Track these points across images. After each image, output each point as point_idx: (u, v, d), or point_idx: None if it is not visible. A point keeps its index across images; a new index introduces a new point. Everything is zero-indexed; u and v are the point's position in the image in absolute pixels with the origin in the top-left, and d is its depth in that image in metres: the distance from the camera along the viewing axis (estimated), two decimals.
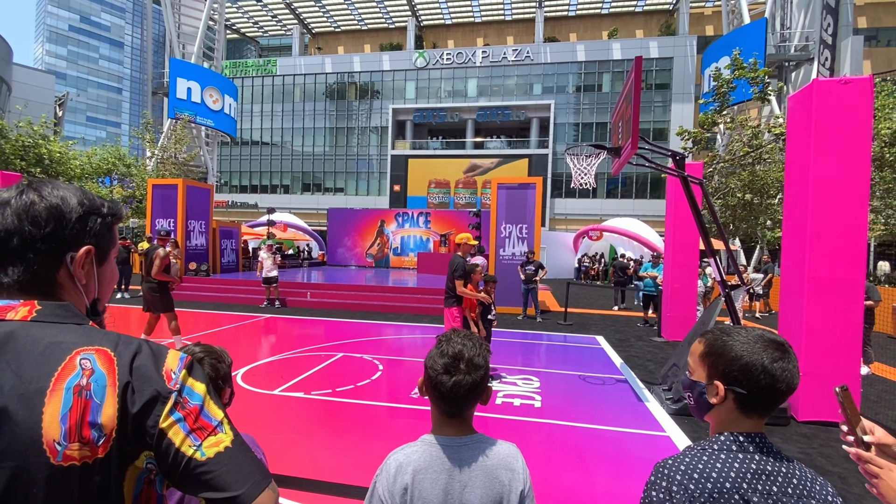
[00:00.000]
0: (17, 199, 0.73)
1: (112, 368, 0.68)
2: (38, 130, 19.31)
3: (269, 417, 4.28)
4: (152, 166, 25.48)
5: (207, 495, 0.69)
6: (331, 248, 22.70)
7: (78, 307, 0.77)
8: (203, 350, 1.33)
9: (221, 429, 0.74)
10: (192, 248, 13.80)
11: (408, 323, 9.61)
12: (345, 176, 39.72)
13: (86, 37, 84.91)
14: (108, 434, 0.66)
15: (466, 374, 1.07)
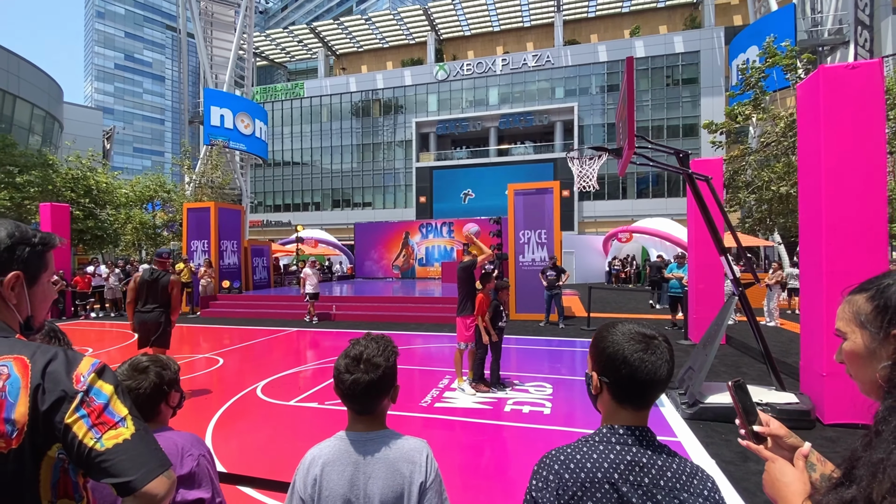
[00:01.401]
0: None
1: (26, 373, 0.81)
2: (87, 163, 20.84)
3: (284, 427, 4.44)
4: (190, 191, 26.93)
5: (107, 481, 0.79)
6: (358, 261, 23.19)
7: (10, 323, 0.90)
8: (149, 359, 1.45)
9: (123, 423, 0.83)
10: (225, 266, 14.45)
11: (428, 333, 9.68)
12: (372, 190, 40.57)
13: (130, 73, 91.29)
14: (20, 428, 0.78)
15: (364, 373, 1.14)
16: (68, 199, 18.84)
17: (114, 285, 13.52)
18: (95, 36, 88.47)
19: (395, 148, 39.94)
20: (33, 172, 18.99)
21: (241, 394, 5.48)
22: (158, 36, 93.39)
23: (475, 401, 5.06)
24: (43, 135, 31.95)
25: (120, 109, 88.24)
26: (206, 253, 14.05)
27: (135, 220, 22.83)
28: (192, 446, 1.37)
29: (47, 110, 32.56)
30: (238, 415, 4.79)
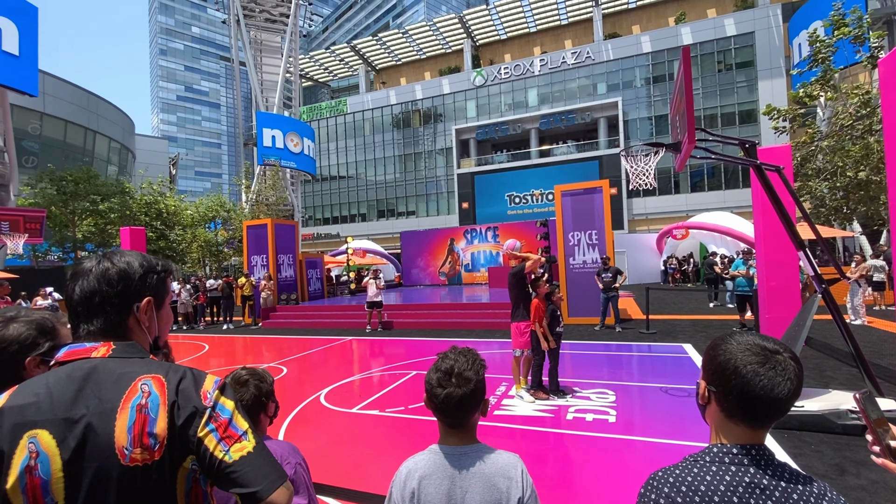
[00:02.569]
0: (96, 267, 0.97)
1: (163, 391, 0.88)
2: (157, 189, 22.67)
3: (347, 434, 4.57)
4: (248, 209, 28.57)
5: (235, 491, 0.86)
6: (405, 269, 23.56)
7: (143, 345, 1.00)
8: (248, 372, 1.54)
9: (246, 437, 0.90)
10: (283, 279, 15.16)
11: (479, 339, 9.65)
12: (415, 199, 41.21)
13: (190, 103, 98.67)
14: (161, 441, 0.85)
15: (457, 387, 1.16)
16: (143, 223, 20.56)
17: (185, 300, 14.54)
18: (159, 71, 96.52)
19: (435, 156, 40.41)
20: (113, 200, 20.91)
21: (306, 402, 5.70)
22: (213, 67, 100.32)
23: (535, 408, 4.98)
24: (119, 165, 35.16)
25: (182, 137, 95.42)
26: (265, 267, 14.82)
27: (199, 238, 24.52)
28: (289, 454, 1.43)
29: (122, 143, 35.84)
30: (304, 422, 4.99)
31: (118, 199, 21.02)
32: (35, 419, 0.82)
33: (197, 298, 14.75)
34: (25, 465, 0.79)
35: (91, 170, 22.55)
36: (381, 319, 11.67)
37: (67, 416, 0.83)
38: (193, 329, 14.03)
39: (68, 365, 0.90)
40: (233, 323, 14.10)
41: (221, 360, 9.25)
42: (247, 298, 14.04)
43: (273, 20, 35.72)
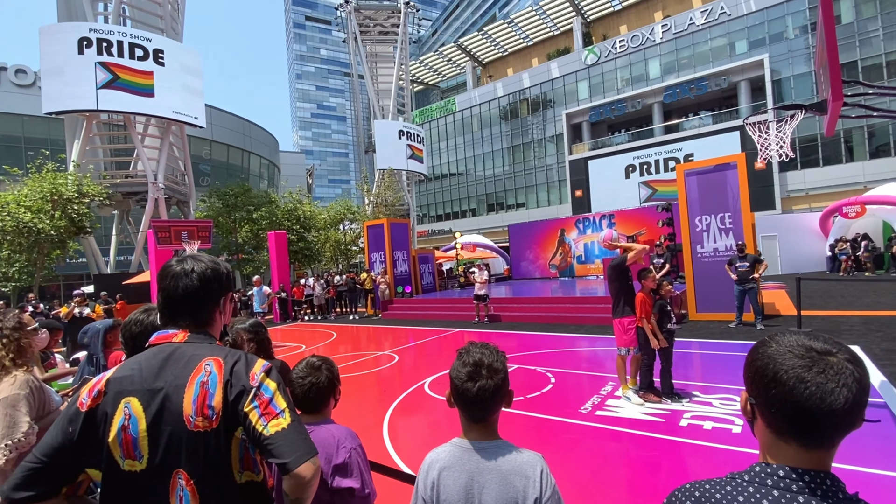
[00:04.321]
0: (196, 266, 1.18)
1: (221, 371, 1.05)
2: (296, 197, 26.02)
3: (446, 422, 4.74)
4: (370, 210, 31.17)
5: (270, 460, 1.00)
6: (514, 262, 23.35)
7: (214, 333, 1.20)
8: (319, 359, 1.69)
9: (283, 415, 1.03)
10: (398, 274, 16.24)
11: (590, 335, 9.14)
12: (525, 191, 40.53)
13: (322, 118, 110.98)
14: (217, 413, 1.02)
15: (488, 378, 1.15)
16: (286, 227, 23.80)
17: (319, 294, 16.47)
18: (296, 94, 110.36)
19: (545, 144, 39.16)
20: (263, 209, 24.61)
21: (411, 389, 6.05)
22: (338, 83, 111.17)
23: (643, 411, 4.55)
24: (268, 178, 41.21)
25: (317, 150, 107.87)
26: (383, 263, 16.04)
27: (331, 239, 27.50)
28: (346, 439, 1.54)
29: (270, 159, 41.92)
30: (408, 408, 5.30)
31: (267, 208, 24.74)
32: (129, 389, 1.04)
33: (328, 292, 16.62)
34: (121, 425, 1.01)
35: (246, 185, 26.89)
36: (487, 312, 11.78)
37: (151, 388, 1.04)
38: (326, 319, 15.83)
39: (156, 347, 1.12)
40: (358, 314, 15.55)
41: (347, 346, 10.29)
42: (368, 292, 15.36)
43: (386, 31, 38.22)
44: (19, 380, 1.86)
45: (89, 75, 19.49)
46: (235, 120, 37.55)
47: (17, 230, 16.72)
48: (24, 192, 17.31)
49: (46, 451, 1.00)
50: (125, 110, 20.67)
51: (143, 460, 1.00)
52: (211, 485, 1.01)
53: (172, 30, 24.78)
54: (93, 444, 1.01)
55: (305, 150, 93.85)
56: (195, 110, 22.84)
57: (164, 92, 21.14)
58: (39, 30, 19.75)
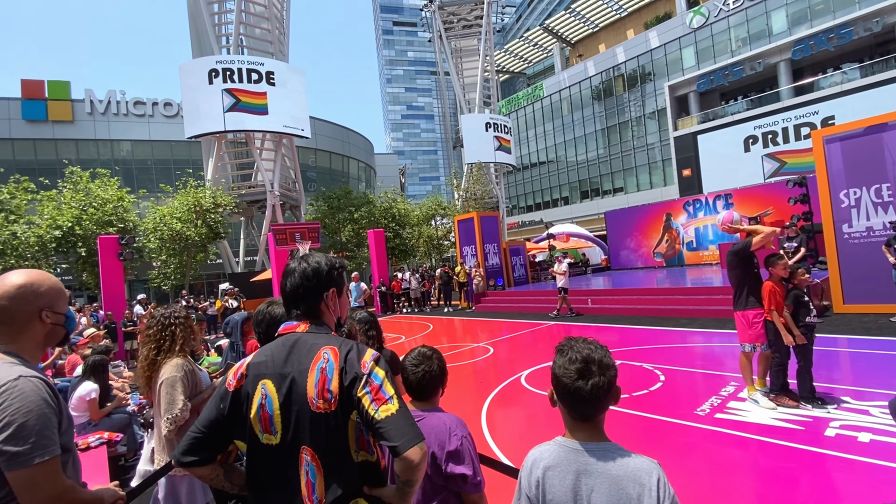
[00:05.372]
0: (297, 267, 1.31)
1: (337, 359, 1.16)
2: (391, 196, 27.36)
3: (544, 416, 4.64)
4: (460, 205, 31.63)
5: (382, 442, 1.09)
6: (613, 251, 21.98)
7: (329, 323, 1.32)
8: (429, 349, 1.75)
9: (392, 401, 1.12)
10: (490, 267, 16.27)
11: (706, 329, 8.26)
12: (622, 174, 37.86)
13: (411, 119, 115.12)
14: (335, 397, 1.13)
15: (600, 375, 1.09)
16: (383, 225, 25.19)
17: (415, 287, 17.18)
18: (387, 98, 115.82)
19: (644, 122, 36.13)
20: (362, 209, 26.33)
21: (508, 381, 6.03)
22: (426, 83, 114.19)
23: (775, 416, 3.99)
24: (366, 180, 43.95)
25: (408, 150, 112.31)
26: (474, 256, 16.19)
27: (424, 234, 28.49)
28: (456, 427, 1.57)
29: (366, 162, 44.64)
30: (506, 400, 5.30)
31: (366, 209, 26.44)
32: (265, 372, 1.20)
33: (424, 286, 17.26)
34: (260, 403, 1.17)
35: (347, 188, 28.98)
36: (568, 305, 11.30)
37: (281, 372, 1.18)
38: (422, 311, 16.46)
39: (283, 336, 1.27)
40: (452, 306, 15.92)
41: (444, 338, 10.60)
42: (462, 285, 15.63)
43: (470, 24, 38.23)
44: (177, 364, 2.22)
45: (217, 102, 22.50)
46: (335, 128, 40.60)
47: (172, 238, 20.02)
48: (175, 206, 20.62)
49: (205, 424, 1.20)
50: (246, 129, 23.51)
51: (277, 435, 1.15)
52: (332, 461, 1.13)
53: (280, 52, 27.52)
54: (238, 419, 1.18)
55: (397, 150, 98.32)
56: (302, 123, 25.16)
57: (276, 109, 23.61)
58: (179, 67, 23.28)
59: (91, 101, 32.05)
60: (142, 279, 25.53)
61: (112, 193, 19.61)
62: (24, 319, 1.25)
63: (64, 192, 19.21)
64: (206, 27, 25.49)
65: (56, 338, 1.35)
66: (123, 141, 33.14)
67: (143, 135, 33.40)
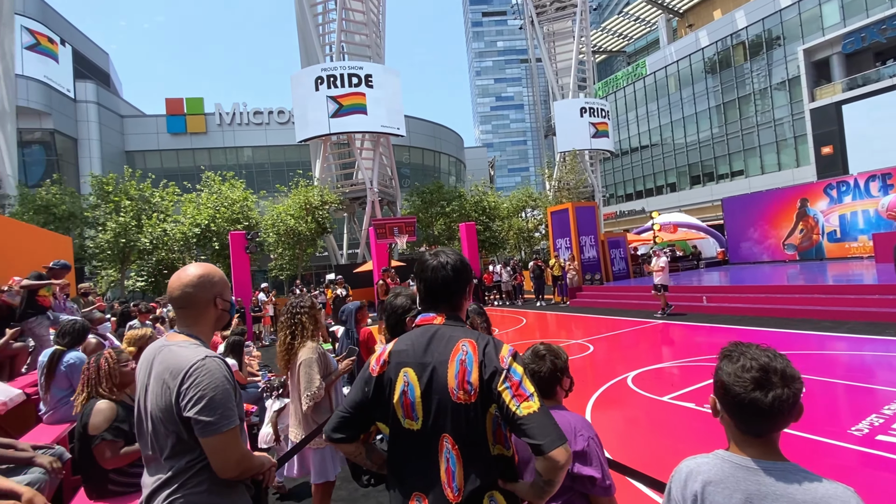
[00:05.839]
0: (444, 261, 1.34)
1: (475, 352, 1.18)
2: (481, 189, 27.42)
3: (654, 422, 4.32)
4: (552, 196, 30.63)
5: (524, 439, 1.09)
6: (731, 243, 19.61)
7: (463, 316, 1.37)
8: (545, 348, 1.71)
9: (532, 399, 1.11)
10: (586, 260, 15.52)
11: (851, 334, 7.01)
12: (742, 155, 33.53)
13: (500, 110, 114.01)
14: (475, 389, 1.15)
15: (784, 387, 0.96)
16: (473, 219, 25.38)
17: (506, 280, 17.07)
18: (476, 90, 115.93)
19: (771, 94, 31.54)
20: (453, 203, 26.79)
21: (612, 382, 5.71)
22: (515, 72, 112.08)
23: None
24: (456, 174, 44.59)
25: (497, 141, 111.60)
26: (568, 249, 15.58)
27: (514, 227, 28.13)
28: (582, 427, 1.52)
29: (456, 157, 45.25)
30: (611, 402, 5.02)
31: (457, 202, 26.83)
32: (406, 361, 1.25)
33: (515, 279, 17.07)
34: (402, 390, 1.23)
35: (439, 182, 29.68)
36: (664, 303, 10.29)
37: (422, 361, 1.23)
38: (513, 305, 16.31)
39: (422, 327, 1.31)
40: (545, 301, 15.53)
41: (536, 332, 10.40)
42: (557, 279, 15.16)
43: (563, 6, 36.53)
44: (312, 347, 2.46)
45: (323, 107, 24.42)
46: (426, 124, 41.72)
47: (286, 233, 22.30)
48: (289, 204, 22.90)
49: (351, 405, 1.29)
50: (348, 131, 25.22)
51: (418, 421, 1.20)
52: (471, 452, 1.15)
53: (377, 55, 28.94)
54: (381, 403, 1.26)
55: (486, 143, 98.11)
56: (398, 122, 26.28)
57: (374, 110, 24.94)
58: (291, 78, 25.69)
59: (220, 113, 36.80)
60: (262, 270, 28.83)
61: (239, 194, 22.38)
62: (203, 305, 1.46)
63: (202, 194, 22.38)
64: (312, 37, 27.73)
65: (222, 322, 1.56)
66: (245, 147, 37.59)
67: (261, 141, 37.55)
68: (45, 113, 29.58)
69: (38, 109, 29.02)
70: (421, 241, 25.22)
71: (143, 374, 1.41)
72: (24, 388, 3.89)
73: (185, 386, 1.29)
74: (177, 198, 22.40)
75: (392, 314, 1.96)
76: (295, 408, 2.47)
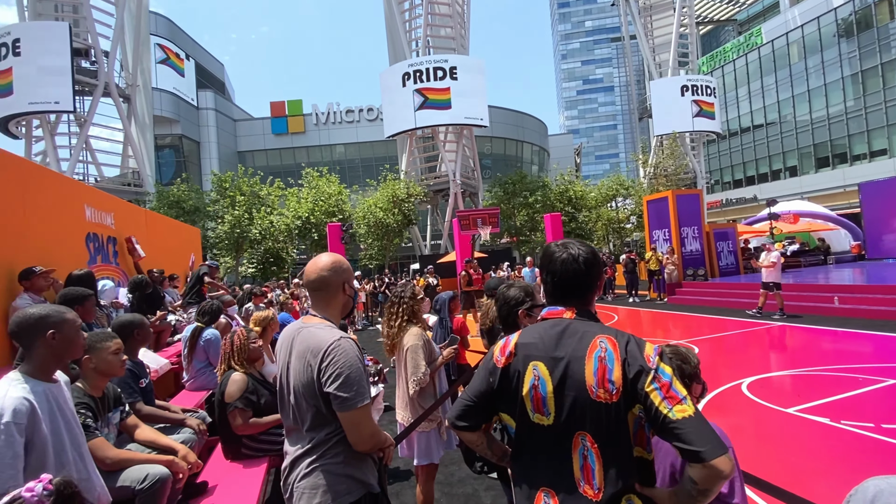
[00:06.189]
0: (582, 253, 1.28)
1: (616, 349, 1.11)
2: (567, 179, 26.36)
3: (779, 436, 3.84)
4: (647, 184, 28.52)
5: (678, 445, 1.00)
6: (870, 235, 16.70)
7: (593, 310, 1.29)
8: (672, 351, 1.58)
9: (685, 402, 1.03)
10: (687, 253, 14.22)
11: None
12: (885, 132, 28.29)
13: (587, 94, 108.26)
14: (618, 388, 1.08)
15: None
16: (558, 209, 24.53)
17: None
18: (561, 75, 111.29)
19: None
20: (536, 194, 26.12)
21: (724, 387, 5.18)
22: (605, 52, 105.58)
23: None
24: (539, 163, 43.40)
25: (583, 127, 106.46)
26: (667, 241, 14.41)
27: (602, 217, 26.69)
28: (723, 437, 1.39)
29: (539, 145, 43.99)
30: (724, 410, 4.56)
31: (541, 192, 26.13)
32: (535, 354, 1.21)
33: (605, 272, 16.21)
34: (532, 384, 1.18)
35: (522, 172, 29.10)
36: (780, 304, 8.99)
37: (553, 356, 1.17)
38: (602, 300, 15.51)
39: (551, 320, 1.26)
40: (638, 297, 14.57)
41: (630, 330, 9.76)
42: (653, 273, 14.13)
43: None
44: (417, 333, 2.54)
45: (409, 102, 25.17)
46: (509, 113, 41.03)
47: (375, 224, 23.47)
48: (377, 197, 24.05)
49: (475, 394, 1.29)
50: (432, 124, 25.73)
51: (549, 417, 1.15)
52: (612, 452, 1.10)
53: (462, 46, 29.03)
54: (507, 395, 1.23)
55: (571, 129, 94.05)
56: (481, 112, 26.23)
57: (458, 102, 25.13)
58: (380, 75, 26.80)
59: (316, 113, 39.63)
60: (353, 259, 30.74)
61: (334, 189, 23.99)
62: (335, 289, 1.59)
63: (302, 189, 24.35)
64: (400, 34, 28.60)
65: (348, 308, 1.66)
66: (338, 145, 40.10)
67: (352, 138, 39.79)
68: (175, 120, 34.19)
69: (169, 117, 33.63)
70: (503, 233, 25.01)
71: (283, 353, 1.56)
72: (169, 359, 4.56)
73: (325, 364, 1.41)
74: (281, 192, 24.62)
75: (504, 305, 1.95)
76: (402, 391, 2.58)
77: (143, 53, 26.50)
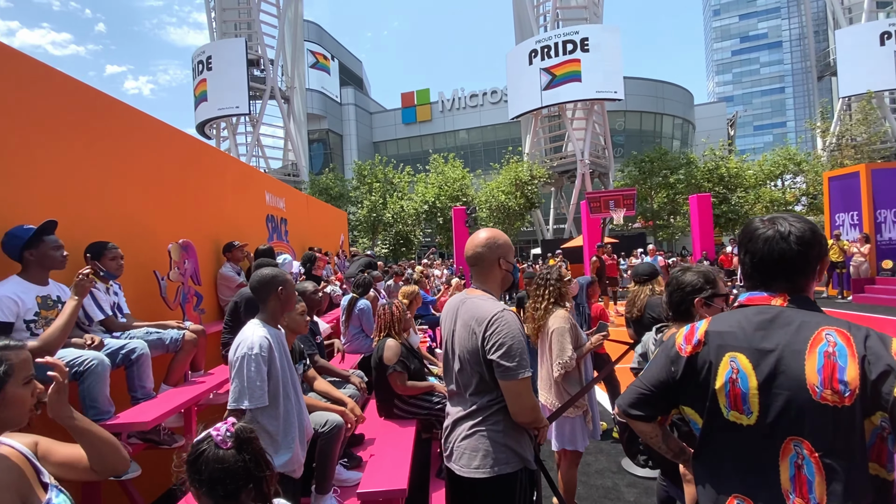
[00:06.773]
0: (794, 230, 1.04)
1: (849, 344, 0.93)
2: (718, 154, 22.99)
3: None
4: (825, 157, 23.44)
5: None
6: None
7: (811, 296, 1.07)
8: None
9: None
10: (884, 242, 11.37)
11: None
12: None
13: (745, 54, 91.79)
14: (852, 391, 0.90)
15: None
16: (707, 189, 21.59)
17: None
18: (713, 34, 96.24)
19: None
20: (679, 172, 23.34)
21: None
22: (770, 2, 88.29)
23: None
24: (682, 138, 38.64)
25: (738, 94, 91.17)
26: (855, 227, 11.73)
27: (764, 198, 22.73)
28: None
29: (683, 117, 39.05)
30: None
31: (684, 171, 23.25)
32: (732, 344, 1.05)
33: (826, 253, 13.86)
34: (728, 377, 1.04)
35: (662, 148, 26.18)
36: None
37: (758, 348, 1.01)
38: None
39: (754, 308, 1.08)
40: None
41: None
42: (834, 266, 11.66)
43: None
44: (564, 316, 2.50)
45: (535, 80, 24.45)
46: (646, 84, 37.05)
47: (497, 208, 23.59)
48: (500, 181, 24.05)
49: (653, 383, 1.18)
50: (560, 101, 24.64)
51: (751, 416, 1.01)
52: (838, 465, 0.92)
53: (595, 14, 27.03)
54: (692, 387, 1.11)
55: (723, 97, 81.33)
56: (615, 84, 24.25)
57: (589, 75, 23.59)
58: (506, 56, 26.47)
59: (442, 101, 40.92)
60: None
61: (458, 174, 24.68)
62: (490, 264, 1.64)
63: (429, 175, 25.57)
64: (527, 9, 27.75)
65: (507, 282, 1.70)
66: (461, 130, 40.96)
67: (475, 122, 40.26)
68: (322, 116, 38.51)
69: (318, 114, 37.98)
70: (637, 216, 23.02)
71: (448, 322, 1.67)
72: None
73: (489, 332, 1.47)
74: (411, 178, 26.22)
75: (677, 290, 1.78)
76: (546, 373, 2.57)
77: (299, 58, 30.35)
